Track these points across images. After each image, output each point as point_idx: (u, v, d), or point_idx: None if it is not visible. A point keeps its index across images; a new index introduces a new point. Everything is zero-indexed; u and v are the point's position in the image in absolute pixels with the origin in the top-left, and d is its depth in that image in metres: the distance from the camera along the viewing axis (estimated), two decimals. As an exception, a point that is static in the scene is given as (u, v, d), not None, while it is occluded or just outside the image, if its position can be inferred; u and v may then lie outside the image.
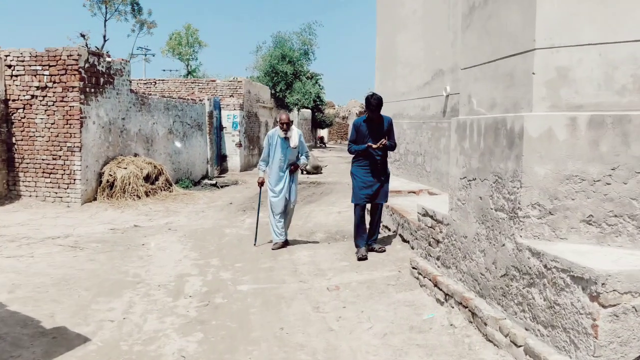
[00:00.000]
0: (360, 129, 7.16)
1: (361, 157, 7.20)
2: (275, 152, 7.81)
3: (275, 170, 7.85)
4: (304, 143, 8.08)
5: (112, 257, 7.52)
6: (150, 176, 12.86)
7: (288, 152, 7.81)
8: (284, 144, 7.79)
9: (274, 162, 7.84)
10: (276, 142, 7.81)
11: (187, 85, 22.25)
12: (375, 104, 6.95)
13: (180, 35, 43.24)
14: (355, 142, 7.20)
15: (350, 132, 7.35)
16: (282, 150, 7.78)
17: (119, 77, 12.75)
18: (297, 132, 7.97)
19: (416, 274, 5.69)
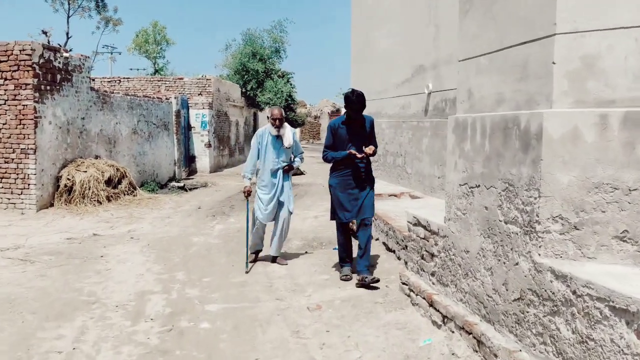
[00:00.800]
0: (338, 132, 6.05)
1: (341, 165, 6.10)
2: (267, 153, 6.85)
3: (266, 175, 6.87)
4: (298, 142, 7.20)
5: (66, 271, 6.76)
6: (112, 180, 12.04)
7: (281, 152, 6.87)
8: (276, 144, 6.84)
9: (265, 165, 6.87)
10: (267, 142, 6.84)
11: (154, 84, 21.37)
12: (358, 103, 5.85)
13: (147, 32, 42.07)
14: (333, 148, 6.12)
15: (325, 136, 6.27)
16: (274, 150, 6.84)
17: (78, 74, 11.90)
18: (291, 129, 6.99)
19: (407, 291, 5.10)
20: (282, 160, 6.90)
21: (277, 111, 6.86)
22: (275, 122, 6.77)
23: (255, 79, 26.92)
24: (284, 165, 6.90)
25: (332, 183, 6.24)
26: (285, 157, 6.93)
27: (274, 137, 6.82)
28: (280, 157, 6.87)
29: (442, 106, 8.60)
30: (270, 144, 6.84)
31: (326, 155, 6.18)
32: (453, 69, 8.24)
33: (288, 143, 6.83)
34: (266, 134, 6.87)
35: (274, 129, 6.78)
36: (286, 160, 6.96)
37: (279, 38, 28.15)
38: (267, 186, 6.87)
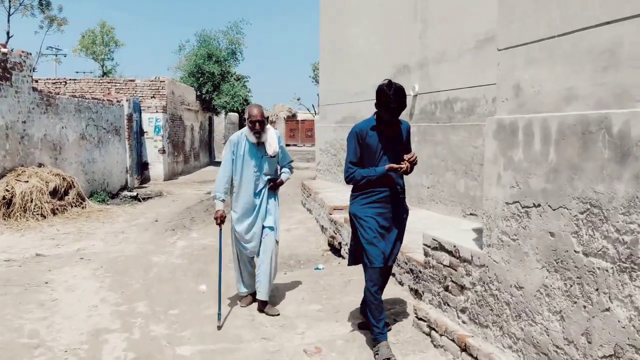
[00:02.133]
0: (367, 142, 4.20)
1: (374, 187, 4.22)
2: (245, 166, 5.20)
3: (244, 194, 5.25)
4: (285, 149, 5.51)
5: (3, 304, 5.63)
6: (58, 190, 10.78)
7: (264, 164, 5.25)
8: (257, 153, 5.20)
9: (243, 181, 5.23)
10: (244, 151, 5.18)
11: (103, 86, 19.95)
12: (397, 101, 4.05)
13: (94, 33, 40.13)
14: (360, 164, 4.25)
15: (348, 147, 4.34)
16: (254, 162, 5.20)
17: (18, 73, 10.61)
18: (275, 133, 5.32)
19: (425, 328, 4.25)
20: (265, 174, 5.29)
21: (256, 111, 5.08)
22: (254, 125, 5.04)
23: (211, 81, 25.71)
24: (267, 181, 5.31)
25: (359, 212, 4.25)
26: (269, 169, 5.30)
27: (253, 144, 5.17)
28: (263, 170, 5.25)
29: (431, 109, 7.83)
30: (248, 153, 5.19)
31: (353, 175, 4.22)
32: (444, 68, 7.48)
33: (273, 151, 5.19)
34: (243, 140, 5.19)
35: (253, 135, 5.10)
36: (270, 173, 5.33)
37: (235, 39, 27.05)
38: (245, 210, 5.26)
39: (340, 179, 11.44)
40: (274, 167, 5.38)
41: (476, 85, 6.79)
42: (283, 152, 5.42)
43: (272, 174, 5.38)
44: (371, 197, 4.24)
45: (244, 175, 5.23)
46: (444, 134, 7.42)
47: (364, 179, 4.20)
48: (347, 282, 5.97)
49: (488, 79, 6.55)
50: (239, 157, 5.21)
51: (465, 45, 7.00)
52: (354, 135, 4.28)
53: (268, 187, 5.30)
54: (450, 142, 7.26)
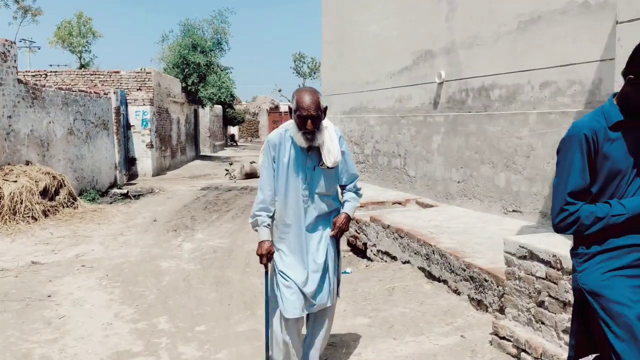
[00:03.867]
0: (607, 152, 2.32)
1: (620, 235, 2.32)
2: (289, 182, 3.45)
3: (290, 221, 3.48)
4: (349, 156, 3.65)
5: (4, 324, 4.96)
6: (48, 190, 10.02)
7: (318, 180, 3.45)
8: (306, 163, 3.43)
9: (288, 204, 3.47)
10: (289, 160, 3.43)
11: (86, 78, 19.02)
12: None
13: (70, 24, 38.75)
14: (589, 194, 2.38)
15: (561, 163, 2.40)
16: (303, 175, 3.43)
17: (2, 63, 9.80)
18: (336, 132, 3.50)
19: (511, 349, 3.69)
20: (319, 194, 3.47)
21: (309, 99, 3.25)
22: (306, 123, 3.25)
23: (196, 72, 24.85)
24: (326, 213, 3.53)
25: (603, 289, 2.31)
26: (326, 187, 3.48)
27: (301, 150, 3.40)
28: (315, 189, 3.45)
29: (462, 97, 7.27)
30: (294, 163, 3.43)
31: (577, 215, 2.36)
32: (477, 53, 6.92)
33: (333, 160, 3.37)
34: (287, 142, 3.44)
35: (302, 136, 3.29)
36: (329, 192, 3.52)
37: (220, 29, 26.17)
38: (292, 244, 3.48)
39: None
40: (332, 185, 3.52)
41: (518, 71, 6.24)
42: (347, 161, 3.55)
43: (331, 196, 3.55)
44: (623, 257, 2.30)
45: (288, 194, 3.44)
46: (479, 123, 6.87)
47: (601, 222, 2.30)
48: (391, 289, 5.39)
49: (534, 63, 6.02)
50: (281, 166, 3.43)
51: (503, 27, 6.44)
52: (577, 141, 2.32)
53: (331, 233, 3.50)
54: (487, 132, 6.71)
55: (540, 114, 5.89)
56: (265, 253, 3.41)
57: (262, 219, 3.46)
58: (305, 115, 3.23)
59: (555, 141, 5.57)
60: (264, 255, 3.41)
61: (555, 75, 5.72)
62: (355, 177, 3.65)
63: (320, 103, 3.30)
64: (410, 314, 4.74)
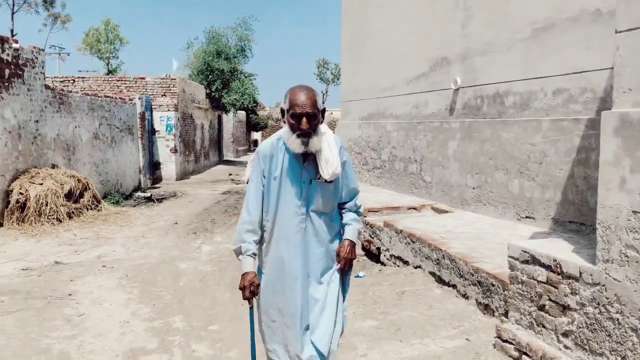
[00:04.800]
0: None
1: None
2: (280, 197, 2.93)
3: (283, 244, 2.94)
4: (350, 167, 3.15)
5: (26, 320, 5.14)
6: (73, 193, 10.30)
7: (314, 194, 2.93)
8: (302, 174, 2.92)
9: (279, 222, 2.94)
10: (282, 171, 2.92)
11: (112, 84, 19.46)
12: None
13: (98, 31, 39.63)
14: None
15: None
16: (297, 190, 2.91)
17: (31, 69, 10.12)
18: (336, 140, 2.98)
19: (513, 352, 3.74)
20: (317, 212, 2.93)
21: (304, 96, 2.79)
22: (300, 122, 2.78)
23: (220, 79, 25.19)
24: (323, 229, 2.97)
25: None
26: (324, 203, 2.94)
27: (296, 158, 2.89)
28: (311, 206, 2.92)
29: (477, 104, 7.31)
30: (288, 176, 2.91)
31: None
32: (492, 60, 6.97)
33: (332, 171, 2.85)
34: (280, 153, 2.93)
35: (296, 140, 2.80)
36: (326, 209, 2.97)
37: (244, 36, 26.49)
38: (283, 272, 2.93)
39: (366, 178, 10.94)
40: (330, 201, 2.97)
41: (532, 78, 6.28)
42: (347, 174, 3.04)
43: (328, 216, 2.98)
44: None
45: (279, 212, 2.91)
46: (493, 130, 6.91)
47: None
48: (401, 293, 5.46)
49: (547, 70, 6.05)
50: (273, 181, 2.92)
51: (517, 34, 6.49)
52: None
53: (336, 267, 2.98)
54: (501, 139, 6.74)
55: (552, 120, 5.92)
56: (249, 285, 2.82)
57: (246, 245, 2.89)
58: (300, 113, 2.75)
59: (568, 148, 5.61)
60: (247, 287, 2.82)
61: (567, 83, 5.75)
62: (356, 193, 3.11)
63: (318, 101, 2.83)
64: (418, 318, 4.81)
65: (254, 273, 2.87)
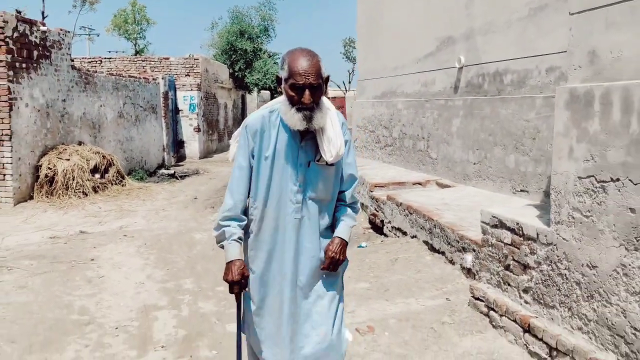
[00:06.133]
0: None
1: None
2: (272, 182, 2.53)
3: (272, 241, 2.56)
4: (353, 151, 2.73)
5: (52, 281, 5.66)
6: (98, 168, 10.86)
7: (313, 180, 2.53)
8: (300, 154, 2.52)
9: (268, 209, 2.54)
10: (275, 154, 2.51)
11: (138, 64, 20.02)
12: None
13: (126, 12, 40.28)
14: None
15: None
16: (294, 173, 2.51)
17: (58, 51, 10.64)
18: (338, 115, 2.56)
19: (483, 308, 4.10)
20: (315, 200, 2.55)
21: (307, 62, 2.37)
22: (302, 93, 2.36)
23: (243, 58, 25.61)
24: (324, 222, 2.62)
25: None
26: (325, 190, 2.57)
27: (294, 135, 2.51)
28: (309, 192, 2.54)
29: (479, 82, 7.56)
30: (282, 156, 2.52)
31: None
32: (492, 39, 7.20)
33: (335, 153, 2.47)
34: (273, 128, 2.53)
35: (297, 115, 2.39)
36: (327, 197, 2.60)
37: (267, 16, 26.83)
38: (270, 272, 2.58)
39: (378, 156, 11.27)
40: (331, 187, 2.58)
41: (528, 56, 6.51)
42: (349, 156, 2.63)
43: (330, 205, 2.63)
44: None
45: (272, 200, 2.53)
46: (493, 107, 7.17)
47: None
48: (394, 260, 5.84)
49: (541, 48, 6.28)
50: (263, 160, 2.52)
51: (515, 14, 6.70)
52: None
53: (322, 266, 2.55)
54: (500, 115, 7.00)
55: (545, 97, 6.16)
56: (238, 279, 2.42)
57: (230, 230, 2.49)
58: (302, 84, 2.33)
59: (557, 124, 5.85)
60: (235, 282, 2.42)
61: (559, 61, 5.98)
62: (355, 181, 2.67)
63: (322, 69, 2.40)
64: (406, 280, 5.18)
65: (242, 262, 2.45)
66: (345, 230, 2.62)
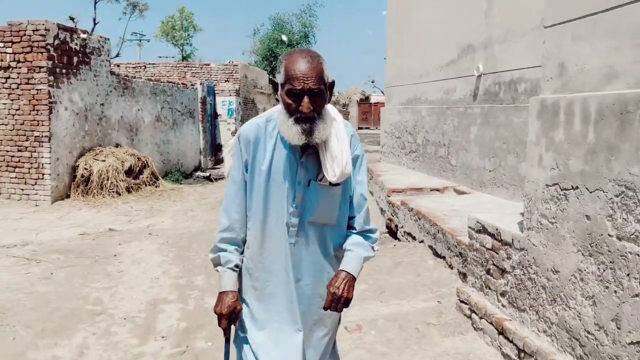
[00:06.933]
0: None
1: None
2: (269, 200, 2.18)
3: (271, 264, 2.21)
4: (364, 170, 2.29)
5: (74, 274, 6.04)
6: (133, 169, 11.35)
7: (313, 201, 2.16)
8: (298, 174, 2.16)
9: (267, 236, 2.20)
10: (272, 169, 2.17)
11: (179, 70, 20.68)
12: None
13: (173, 19, 41.48)
14: None
15: None
16: (291, 193, 2.16)
17: (97, 57, 11.20)
18: (346, 125, 2.20)
19: (467, 311, 4.22)
20: (315, 224, 2.18)
21: (306, 64, 2.00)
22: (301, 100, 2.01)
23: (283, 65, 26.03)
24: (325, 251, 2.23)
25: None
26: (327, 213, 2.19)
27: (292, 149, 2.15)
28: (308, 216, 2.17)
29: (495, 90, 7.63)
30: (278, 173, 2.17)
31: None
32: (508, 48, 7.26)
33: (339, 172, 2.09)
34: (269, 141, 2.19)
35: (295, 127, 2.03)
36: (330, 221, 2.20)
37: (308, 22, 27.24)
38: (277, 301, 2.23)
39: (404, 162, 11.38)
40: (336, 210, 2.21)
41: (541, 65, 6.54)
42: (359, 174, 2.27)
43: (333, 231, 2.23)
44: None
45: (270, 220, 2.19)
46: (507, 115, 7.22)
47: None
48: (397, 264, 5.98)
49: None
50: (258, 176, 2.19)
51: (529, 23, 6.76)
52: None
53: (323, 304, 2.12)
54: (513, 124, 7.05)
55: (554, 106, 6.20)
56: (227, 312, 2.16)
57: (226, 256, 2.23)
58: (301, 90, 1.99)
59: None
60: (224, 315, 2.16)
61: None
62: (364, 204, 2.26)
63: (325, 72, 2.06)
64: (404, 283, 5.33)
65: (235, 294, 2.18)
66: (353, 262, 2.17)
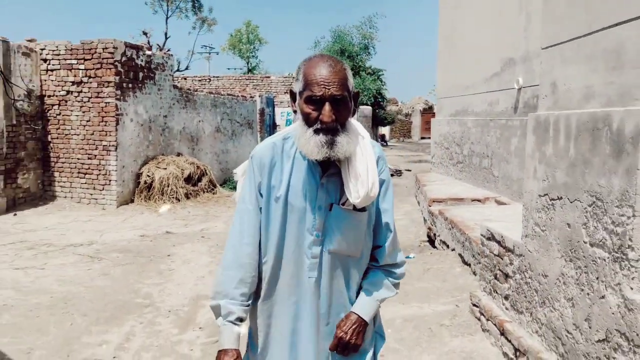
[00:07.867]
0: None
1: None
2: (288, 229, 1.90)
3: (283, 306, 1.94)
4: (390, 196, 2.03)
5: (129, 271, 6.67)
6: (192, 177, 12.07)
7: (335, 227, 1.89)
8: (319, 197, 1.89)
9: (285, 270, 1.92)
10: (289, 192, 1.90)
11: (241, 82, 21.57)
12: None
13: (240, 32, 42.89)
14: None
15: None
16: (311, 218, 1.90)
17: (161, 72, 12.02)
18: (372, 145, 1.93)
19: (477, 314, 4.48)
20: (338, 254, 1.91)
21: (328, 69, 1.77)
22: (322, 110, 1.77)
23: (342, 76, 26.55)
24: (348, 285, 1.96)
25: None
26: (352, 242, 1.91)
27: (312, 172, 1.90)
28: (330, 244, 1.90)
29: (533, 103, 7.76)
30: (297, 195, 1.90)
31: None
32: (545, 62, 7.41)
33: (364, 193, 1.80)
34: (286, 162, 1.93)
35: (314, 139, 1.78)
36: (355, 251, 1.93)
37: (368, 34, 27.64)
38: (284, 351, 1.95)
39: (451, 172, 11.56)
40: (361, 239, 1.94)
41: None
42: (386, 202, 2.02)
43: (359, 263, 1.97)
44: None
45: (287, 252, 1.92)
46: (542, 128, 7.36)
47: None
48: (426, 270, 6.26)
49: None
50: (274, 203, 1.92)
51: (564, 39, 6.90)
52: None
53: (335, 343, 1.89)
54: (547, 137, 7.19)
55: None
56: None
57: (229, 306, 1.89)
58: (321, 96, 1.76)
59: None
60: None
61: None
62: (390, 235, 2.00)
63: (350, 80, 1.85)
64: (429, 288, 5.61)
65: (235, 353, 1.88)
66: (366, 305, 1.93)
